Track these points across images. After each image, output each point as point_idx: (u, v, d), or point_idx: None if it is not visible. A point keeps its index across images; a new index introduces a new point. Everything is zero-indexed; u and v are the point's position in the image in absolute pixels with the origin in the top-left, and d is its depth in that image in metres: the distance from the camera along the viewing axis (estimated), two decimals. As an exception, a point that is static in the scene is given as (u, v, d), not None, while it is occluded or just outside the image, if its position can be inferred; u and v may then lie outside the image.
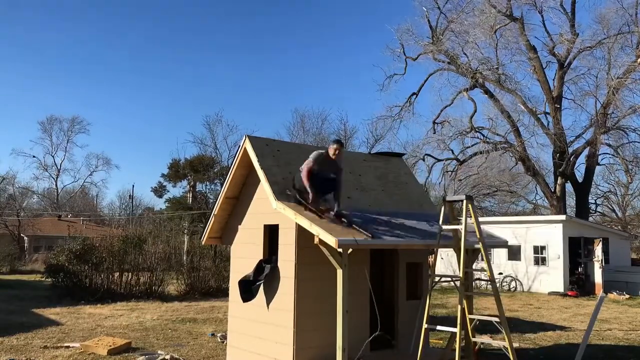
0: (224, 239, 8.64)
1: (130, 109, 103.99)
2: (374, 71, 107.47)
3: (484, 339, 7.49)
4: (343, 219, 6.74)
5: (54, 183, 66.24)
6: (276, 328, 7.16)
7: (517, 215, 37.65)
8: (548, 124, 28.89)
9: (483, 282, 21.15)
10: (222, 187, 8.36)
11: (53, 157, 67.08)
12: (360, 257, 7.44)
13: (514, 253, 23.15)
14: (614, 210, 46.28)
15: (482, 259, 7.22)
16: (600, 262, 21.76)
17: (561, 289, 21.39)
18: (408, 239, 7.03)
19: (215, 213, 8.32)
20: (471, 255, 7.59)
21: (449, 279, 7.19)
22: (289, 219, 6.84)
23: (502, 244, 8.63)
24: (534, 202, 41.01)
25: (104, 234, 21.03)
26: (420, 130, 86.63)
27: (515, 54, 29.61)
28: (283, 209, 6.83)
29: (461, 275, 6.75)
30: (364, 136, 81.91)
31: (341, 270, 6.36)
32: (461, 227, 6.87)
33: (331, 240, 6.06)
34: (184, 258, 20.92)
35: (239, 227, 8.19)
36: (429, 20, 30.30)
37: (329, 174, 7.12)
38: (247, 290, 7.50)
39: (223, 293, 17.76)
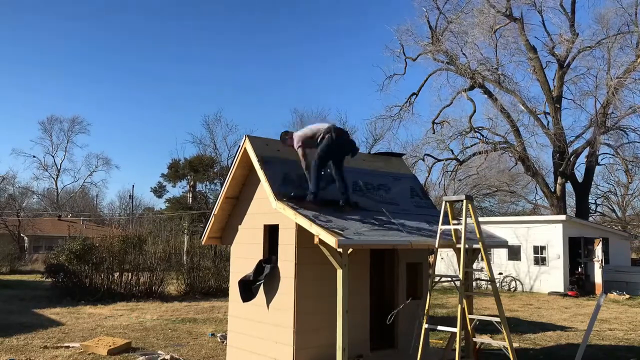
0: (224, 239, 8.64)
1: (130, 109, 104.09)
2: (374, 71, 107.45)
3: (484, 339, 7.48)
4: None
5: (54, 183, 66.29)
6: (276, 328, 7.16)
7: (517, 215, 37.68)
8: (548, 124, 28.90)
9: (483, 282, 21.16)
10: (222, 187, 8.36)
11: (53, 157, 67.17)
12: (360, 257, 7.44)
13: (515, 253, 23.17)
14: (614, 210, 46.31)
15: (482, 259, 7.22)
16: (600, 262, 21.77)
17: (561, 289, 21.40)
18: (408, 239, 7.02)
19: (215, 213, 8.32)
20: (471, 255, 7.59)
21: (449, 279, 7.19)
22: (289, 219, 6.84)
23: (502, 244, 8.63)
24: (534, 202, 41.05)
25: (104, 234, 21.03)
26: (420, 131, 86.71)
27: (514, 54, 29.64)
28: (283, 209, 6.83)
29: (461, 275, 6.75)
30: (364, 136, 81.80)
31: (341, 270, 6.36)
32: (461, 227, 6.87)
33: (331, 240, 6.06)
34: (184, 258, 20.93)
35: (239, 227, 8.19)
36: (428, 21, 30.32)
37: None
38: (247, 290, 7.50)
39: (223, 293, 17.77)
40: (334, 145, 7.15)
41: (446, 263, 24.26)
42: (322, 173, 7.26)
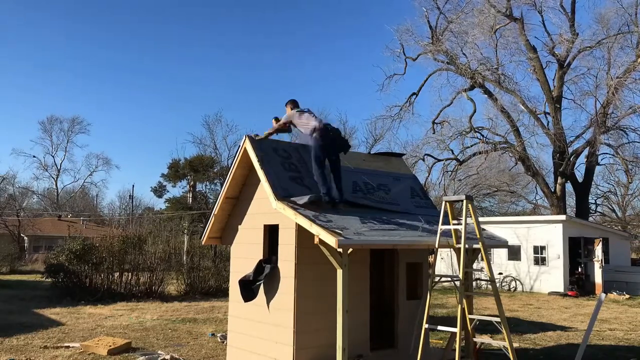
0: (224, 239, 8.64)
1: (130, 109, 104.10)
2: (374, 71, 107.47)
3: (484, 339, 7.49)
4: None
5: (54, 183, 66.33)
6: (276, 328, 7.16)
7: (517, 215, 37.68)
8: (548, 124, 28.90)
9: (483, 282, 21.16)
10: (222, 187, 8.36)
11: (53, 157, 67.22)
12: (360, 257, 7.44)
13: (514, 253, 23.17)
14: (614, 210, 46.29)
15: (482, 259, 7.22)
16: (600, 262, 21.77)
17: (561, 289, 21.39)
18: (408, 239, 7.03)
19: (215, 213, 8.32)
20: (471, 255, 7.59)
21: (449, 279, 7.19)
22: (289, 219, 6.84)
23: (502, 244, 8.63)
24: (534, 202, 41.04)
25: (104, 234, 21.01)
26: (420, 130, 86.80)
27: (515, 54, 29.61)
28: (283, 209, 6.83)
29: (461, 275, 6.75)
30: (364, 136, 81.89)
31: (341, 270, 6.36)
32: (461, 227, 6.87)
33: (331, 240, 6.06)
34: (184, 258, 20.93)
35: (239, 227, 8.19)
36: (428, 21, 30.32)
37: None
38: (248, 289, 7.50)
39: (223, 293, 17.76)
40: (321, 143, 7.26)
41: (446, 263, 24.26)
42: (323, 172, 7.29)
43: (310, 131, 7.35)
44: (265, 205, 7.33)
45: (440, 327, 7.05)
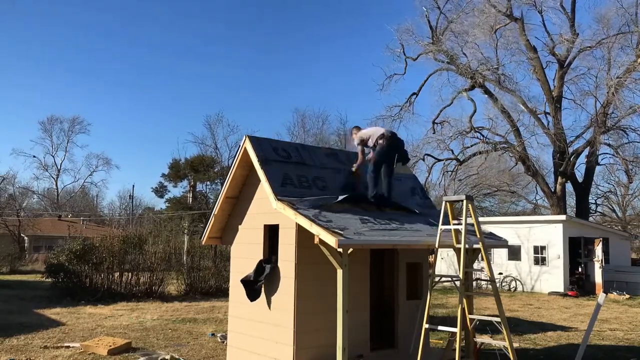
0: (224, 239, 8.64)
1: (130, 108, 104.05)
2: (374, 71, 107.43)
3: (484, 339, 7.48)
4: None
5: (54, 183, 66.37)
6: (276, 328, 7.15)
7: (517, 215, 37.69)
8: (548, 124, 28.90)
9: (483, 282, 21.16)
10: (222, 187, 8.36)
11: (53, 157, 67.27)
12: (360, 257, 7.44)
13: (515, 253, 23.17)
14: (614, 210, 46.30)
15: (482, 259, 7.22)
16: (600, 262, 21.78)
17: (561, 289, 21.40)
18: (408, 239, 7.02)
19: (215, 213, 8.32)
20: (471, 255, 7.59)
21: (449, 279, 7.19)
22: (289, 219, 6.83)
23: (503, 244, 8.62)
24: (534, 202, 41.05)
25: (104, 234, 21.02)
26: (420, 130, 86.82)
27: (515, 54, 29.62)
28: (283, 209, 6.83)
29: (461, 275, 6.75)
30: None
31: (341, 270, 6.36)
32: (461, 227, 6.87)
33: (331, 240, 6.05)
34: (184, 258, 20.94)
35: (239, 227, 8.19)
36: (428, 21, 30.33)
37: None
38: (252, 289, 7.50)
39: (223, 293, 17.77)
40: (385, 151, 7.68)
41: (447, 263, 24.26)
42: (377, 176, 7.74)
43: (378, 137, 7.74)
44: (266, 205, 7.34)
45: (440, 327, 7.05)
